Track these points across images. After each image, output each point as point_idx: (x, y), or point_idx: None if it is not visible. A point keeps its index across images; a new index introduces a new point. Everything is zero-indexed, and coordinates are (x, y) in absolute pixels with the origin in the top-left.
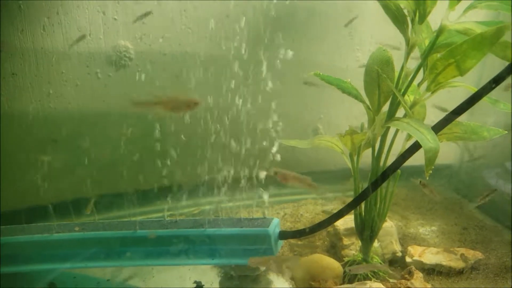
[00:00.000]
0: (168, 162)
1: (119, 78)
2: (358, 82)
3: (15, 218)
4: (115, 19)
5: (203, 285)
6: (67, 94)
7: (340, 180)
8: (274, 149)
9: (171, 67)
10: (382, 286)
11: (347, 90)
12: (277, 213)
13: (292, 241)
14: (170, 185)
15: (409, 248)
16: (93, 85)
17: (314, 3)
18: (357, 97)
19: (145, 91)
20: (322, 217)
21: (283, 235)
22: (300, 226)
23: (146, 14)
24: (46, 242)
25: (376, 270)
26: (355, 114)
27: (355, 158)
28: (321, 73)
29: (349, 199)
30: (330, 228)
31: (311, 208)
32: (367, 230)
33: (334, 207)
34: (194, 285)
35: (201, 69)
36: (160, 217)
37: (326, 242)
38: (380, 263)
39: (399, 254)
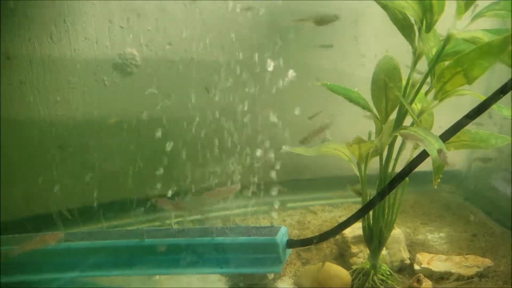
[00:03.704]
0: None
1: (126, 85)
2: (364, 87)
3: (21, 226)
4: (121, 27)
5: None
6: (75, 101)
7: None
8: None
9: (178, 74)
10: None
11: (355, 100)
12: (284, 221)
13: (299, 248)
14: (177, 192)
15: (418, 255)
16: (100, 92)
17: (319, 8)
18: (364, 106)
19: (151, 98)
20: (330, 224)
21: (291, 243)
22: (308, 233)
23: None
24: (54, 251)
25: (384, 279)
26: (362, 118)
27: (362, 166)
28: (328, 83)
29: (354, 205)
30: (338, 236)
31: (318, 214)
32: (375, 238)
33: (342, 213)
34: None
35: (207, 76)
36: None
37: (334, 250)
38: (389, 272)
39: (408, 261)
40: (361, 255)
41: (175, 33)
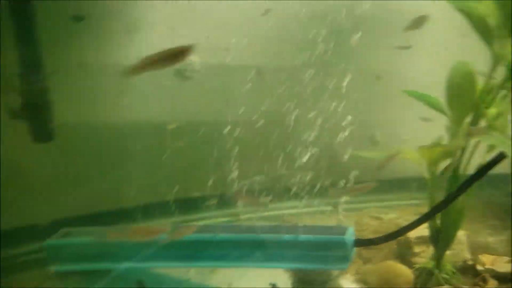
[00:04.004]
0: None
1: (185, 89)
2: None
3: (94, 221)
4: (182, 34)
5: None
6: (139, 105)
7: (404, 189)
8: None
9: (234, 79)
10: None
11: (434, 105)
12: (341, 221)
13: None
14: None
15: (480, 256)
16: (162, 97)
17: (374, 9)
18: (443, 111)
19: (209, 102)
20: (387, 225)
21: (358, 243)
22: (366, 234)
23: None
24: (131, 243)
25: (448, 278)
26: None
27: (432, 169)
28: (409, 90)
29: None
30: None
31: (375, 216)
32: (442, 239)
33: (398, 215)
34: (270, 286)
35: (264, 79)
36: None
37: (393, 250)
38: (453, 272)
39: (470, 262)
40: (423, 255)
41: (232, 39)
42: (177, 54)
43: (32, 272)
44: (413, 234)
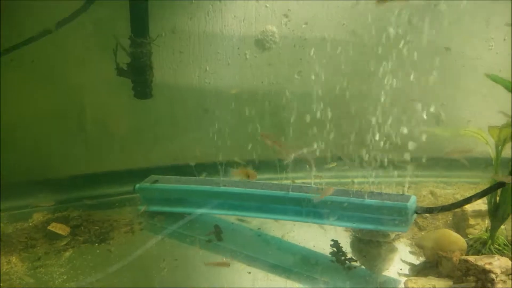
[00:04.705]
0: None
1: (263, 59)
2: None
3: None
4: (266, 6)
5: (339, 244)
6: (220, 71)
7: (463, 167)
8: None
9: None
10: (510, 261)
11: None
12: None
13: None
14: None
15: None
16: (241, 64)
17: None
18: None
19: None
20: (443, 199)
21: (419, 210)
22: (423, 205)
23: None
24: (213, 193)
25: (500, 249)
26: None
27: (499, 149)
28: (491, 74)
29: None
30: (458, 209)
31: (433, 190)
32: (500, 213)
33: (456, 191)
34: (331, 242)
35: (337, 54)
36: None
37: (448, 221)
38: (505, 244)
39: None
40: (477, 227)
41: (312, 13)
42: None
43: (125, 209)
44: (470, 207)
